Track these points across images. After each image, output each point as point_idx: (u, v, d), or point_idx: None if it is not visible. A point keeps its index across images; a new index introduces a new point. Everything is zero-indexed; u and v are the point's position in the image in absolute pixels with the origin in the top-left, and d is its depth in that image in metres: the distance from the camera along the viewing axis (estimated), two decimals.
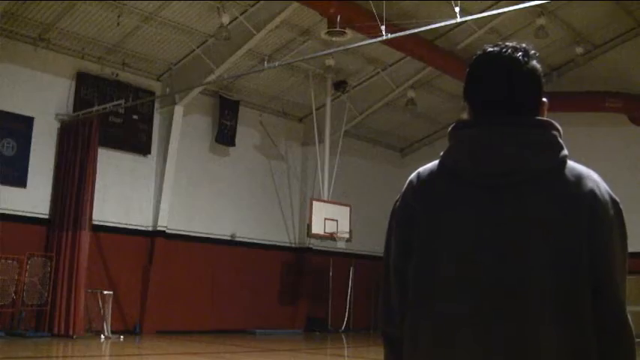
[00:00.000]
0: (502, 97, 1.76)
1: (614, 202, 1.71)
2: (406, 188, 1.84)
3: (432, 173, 1.81)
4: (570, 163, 1.72)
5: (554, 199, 1.66)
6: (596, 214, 1.66)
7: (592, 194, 1.67)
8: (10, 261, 13.03)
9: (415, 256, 1.76)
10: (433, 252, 1.73)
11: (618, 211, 1.71)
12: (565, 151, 1.72)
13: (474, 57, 1.84)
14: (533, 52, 1.80)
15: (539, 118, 1.76)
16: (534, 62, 1.79)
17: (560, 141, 1.73)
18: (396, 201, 1.87)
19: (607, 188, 1.72)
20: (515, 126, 1.72)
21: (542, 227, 1.65)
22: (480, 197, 1.69)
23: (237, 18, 14.21)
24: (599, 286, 1.65)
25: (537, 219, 1.65)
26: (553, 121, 1.74)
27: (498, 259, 1.64)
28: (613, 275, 1.67)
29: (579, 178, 1.69)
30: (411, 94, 18.02)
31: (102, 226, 14.58)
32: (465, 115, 1.90)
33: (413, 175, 1.85)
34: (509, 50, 1.78)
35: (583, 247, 1.64)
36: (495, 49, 1.79)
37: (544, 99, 1.80)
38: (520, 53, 1.77)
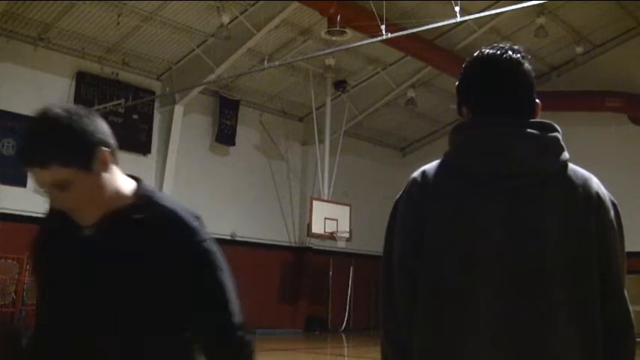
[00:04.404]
0: (503, 98, 1.77)
1: (614, 205, 1.74)
2: (410, 187, 1.82)
3: (438, 173, 1.79)
4: (571, 165, 1.74)
5: (565, 201, 1.68)
6: (602, 218, 1.69)
7: (597, 198, 1.70)
8: (10, 261, 13.03)
9: (425, 257, 1.74)
10: (442, 252, 1.72)
11: (618, 214, 1.74)
12: (566, 154, 1.74)
13: (470, 60, 1.84)
14: (525, 53, 1.82)
15: (541, 120, 1.77)
16: (528, 64, 1.80)
17: (562, 143, 1.74)
18: (398, 200, 1.85)
19: (606, 191, 1.75)
20: (520, 127, 1.72)
21: (555, 229, 1.66)
22: (488, 198, 1.70)
23: (237, 17, 14.21)
24: (608, 288, 1.68)
25: (550, 221, 1.67)
26: (554, 123, 1.76)
27: (512, 259, 1.65)
28: (620, 277, 1.70)
29: (583, 181, 1.72)
30: (411, 93, 18.01)
31: None
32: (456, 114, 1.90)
33: (417, 174, 1.82)
34: (509, 52, 1.79)
35: (593, 249, 1.66)
36: (492, 51, 1.80)
37: (537, 100, 1.81)
38: (518, 55, 1.79)
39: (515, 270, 1.64)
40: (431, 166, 1.82)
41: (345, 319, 18.82)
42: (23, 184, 13.81)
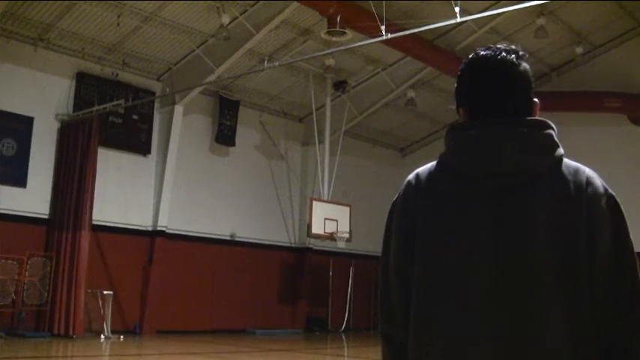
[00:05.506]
0: (499, 99, 1.78)
1: (609, 196, 1.72)
2: (405, 189, 1.85)
3: (432, 174, 1.81)
4: (566, 161, 1.75)
5: (555, 198, 1.69)
6: (592, 209, 1.68)
7: (587, 189, 1.70)
8: (10, 261, 13.02)
9: (419, 257, 1.76)
10: (437, 252, 1.73)
11: (612, 204, 1.72)
12: (561, 150, 1.75)
13: (465, 62, 1.85)
14: (522, 53, 1.83)
15: (536, 118, 1.79)
16: (525, 63, 1.81)
17: (556, 140, 1.75)
18: (394, 202, 1.88)
19: (603, 184, 1.74)
20: (515, 127, 1.74)
21: (546, 227, 1.66)
22: (483, 198, 1.71)
23: (237, 18, 14.21)
24: (605, 285, 1.66)
25: (540, 219, 1.67)
26: (548, 120, 1.77)
27: (504, 259, 1.66)
28: (620, 274, 1.68)
29: (577, 177, 1.72)
30: (411, 94, 18.02)
31: (102, 226, 14.58)
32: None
33: (411, 176, 1.85)
34: (503, 53, 1.80)
35: (582, 245, 1.66)
36: (489, 52, 1.82)
37: (535, 99, 1.82)
38: (513, 55, 1.80)
39: (505, 269, 1.65)
40: (425, 168, 1.85)
41: (345, 319, 18.82)
42: (23, 184, 13.83)
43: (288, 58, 15.55)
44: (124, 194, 15.29)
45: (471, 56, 1.85)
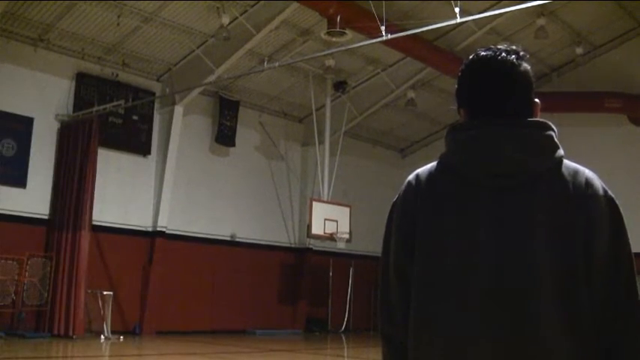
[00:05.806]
0: (500, 100, 1.78)
1: (608, 198, 1.72)
2: (405, 189, 1.85)
3: (432, 174, 1.82)
4: (566, 162, 1.75)
5: (555, 199, 1.69)
6: (590, 210, 1.68)
7: (586, 189, 1.70)
8: (10, 261, 13.03)
9: (419, 257, 1.77)
10: (437, 252, 1.74)
11: (611, 205, 1.72)
12: (561, 151, 1.75)
13: (466, 62, 1.86)
14: (523, 53, 1.83)
15: (536, 119, 1.79)
16: (526, 64, 1.81)
17: (556, 141, 1.76)
18: (394, 202, 1.88)
19: (603, 185, 1.74)
20: (515, 128, 1.74)
21: (545, 228, 1.67)
22: (483, 198, 1.71)
23: (237, 18, 14.22)
24: (602, 286, 1.66)
25: (540, 220, 1.67)
26: (548, 122, 1.77)
27: (502, 259, 1.66)
28: (618, 276, 1.68)
29: (576, 178, 1.72)
30: (411, 94, 18.02)
31: (102, 226, 14.58)
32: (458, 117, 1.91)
33: (411, 176, 1.86)
34: (504, 54, 1.80)
35: (580, 245, 1.66)
36: (489, 53, 1.82)
37: (536, 100, 1.82)
38: (514, 56, 1.80)
39: (505, 269, 1.65)
40: (425, 169, 1.85)
41: (345, 319, 18.82)
42: (23, 184, 13.83)
43: (288, 58, 15.55)
44: (124, 194, 15.29)
45: (471, 57, 1.85)
